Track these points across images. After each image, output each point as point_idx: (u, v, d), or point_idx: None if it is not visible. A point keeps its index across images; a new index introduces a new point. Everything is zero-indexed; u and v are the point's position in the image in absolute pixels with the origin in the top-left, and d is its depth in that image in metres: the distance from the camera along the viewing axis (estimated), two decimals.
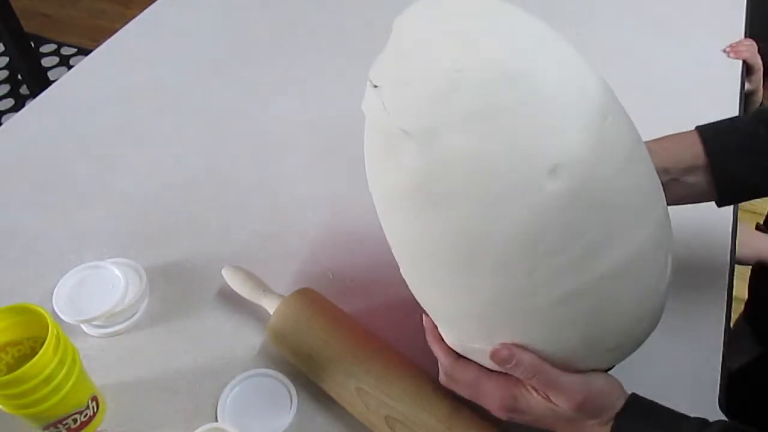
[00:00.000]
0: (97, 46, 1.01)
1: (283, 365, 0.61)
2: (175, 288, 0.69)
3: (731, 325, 0.66)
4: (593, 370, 0.49)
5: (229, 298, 0.67)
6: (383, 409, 0.54)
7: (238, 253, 0.72)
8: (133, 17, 1.07)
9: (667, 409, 0.49)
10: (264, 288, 0.64)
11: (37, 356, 0.49)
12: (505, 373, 0.49)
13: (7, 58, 2.29)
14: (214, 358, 0.63)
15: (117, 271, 0.66)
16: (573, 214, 0.42)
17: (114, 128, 0.88)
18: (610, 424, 0.48)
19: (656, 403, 0.49)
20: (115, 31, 1.04)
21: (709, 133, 0.58)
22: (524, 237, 0.42)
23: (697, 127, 0.59)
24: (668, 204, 0.51)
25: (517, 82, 0.41)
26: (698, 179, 0.58)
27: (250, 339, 0.64)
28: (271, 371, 0.61)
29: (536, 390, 0.49)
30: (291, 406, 0.58)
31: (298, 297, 0.62)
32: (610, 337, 0.48)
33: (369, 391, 0.55)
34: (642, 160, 0.47)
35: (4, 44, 2.03)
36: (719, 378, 0.60)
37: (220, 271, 0.67)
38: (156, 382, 0.62)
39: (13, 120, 0.90)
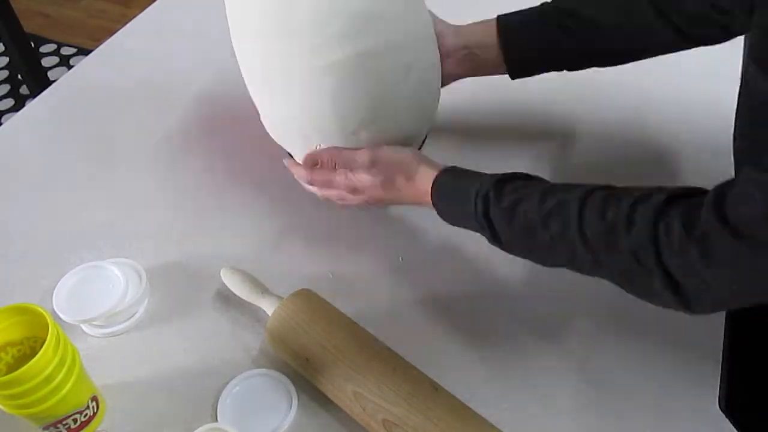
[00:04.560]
0: (97, 46, 1.01)
1: (283, 365, 0.61)
2: (175, 288, 0.69)
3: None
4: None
5: (230, 298, 0.67)
6: (380, 412, 0.54)
7: (239, 253, 0.72)
8: (133, 17, 1.07)
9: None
10: (262, 289, 0.64)
11: (37, 356, 0.49)
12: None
13: (7, 58, 2.29)
14: (214, 358, 0.63)
15: (117, 271, 0.66)
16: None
17: (114, 128, 0.88)
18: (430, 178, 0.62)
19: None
20: (115, 31, 1.04)
21: (503, 17, 0.71)
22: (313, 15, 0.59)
23: (498, 16, 0.71)
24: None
25: None
26: (491, 54, 0.71)
27: (250, 339, 0.64)
28: (271, 371, 0.61)
29: (351, 171, 0.65)
30: (291, 406, 0.58)
31: (295, 300, 0.61)
32: (358, 115, 0.64)
33: (366, 395, 0.55)
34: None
35: (4, 44, 2.02)
36: (719, 378, 0.60)
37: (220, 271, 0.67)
38: (156, 382, 0.62)
39: (13, 120, 0.90)
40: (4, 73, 2.27)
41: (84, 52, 2.28)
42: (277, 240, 0.74)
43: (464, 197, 0.59)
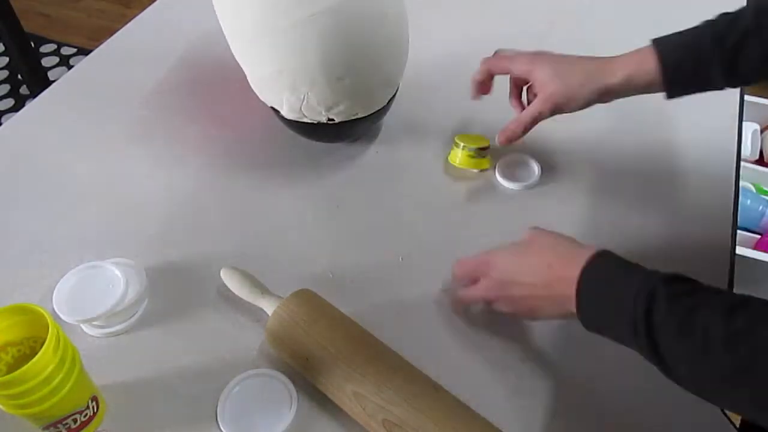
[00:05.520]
0: (97, 46, 1.01)
1: (283, 365, 0.61)
2: (175, 288, 0.69)
3: None
4: None
5: (230, 298, 0.67)
6: (380, 413, 0.54)
7: (239, 253, 0.72)
8: (133, 17, 1.07)
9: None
10: (262, 289, 0.64)
11: (37, 356, 0.49)
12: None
13: (7, 58, 2.29)
14: (214, 358, 0.63)
15: (117, 271, 0.66)
16: None
17: (114, 128, 0.88)
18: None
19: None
20: (115, 31, 1.04)
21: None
22: None
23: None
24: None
25: None
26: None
27: (251, 339, 0.64)
28: (271, 371, 0.61)
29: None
30: (291, 406, 0.58)
31: (295, 300, 0.61)
32: (343, 61, 0.69)
33: (366, 395, 0.55)
34: None
35: (4, 44, 2.03)
36: None
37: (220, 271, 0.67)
38: (156, 382, 0.62)
39: (13, 120, 0.90)
40: (4, 73, 2.27)
41: (84, 52, 2.29)
42: (277, 240, 0.74)
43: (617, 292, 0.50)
